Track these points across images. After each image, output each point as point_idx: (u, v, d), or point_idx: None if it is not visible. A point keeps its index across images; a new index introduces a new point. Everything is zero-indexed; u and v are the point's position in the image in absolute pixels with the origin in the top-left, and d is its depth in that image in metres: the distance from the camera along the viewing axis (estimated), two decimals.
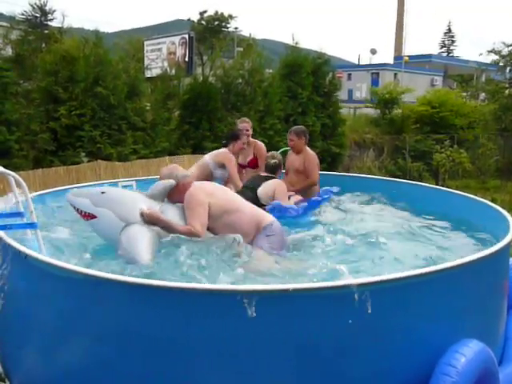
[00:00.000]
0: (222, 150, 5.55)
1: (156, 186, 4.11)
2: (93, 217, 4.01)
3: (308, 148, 5.84)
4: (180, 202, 4.05)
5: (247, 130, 5.92)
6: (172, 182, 4.06)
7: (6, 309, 3.45)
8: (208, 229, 3.93)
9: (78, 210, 4.05)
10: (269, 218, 4.09)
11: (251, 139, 6.05)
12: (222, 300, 2.68)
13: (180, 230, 3.84)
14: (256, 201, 4.85)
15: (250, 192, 4.96)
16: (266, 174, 5.21)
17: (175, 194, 4.06)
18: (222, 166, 5.38)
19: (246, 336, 2.69)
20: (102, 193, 4.04)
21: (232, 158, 5.47)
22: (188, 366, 2.73)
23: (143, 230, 3.81)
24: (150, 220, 3.84)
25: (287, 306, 2.67)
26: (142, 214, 3.84)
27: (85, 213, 4.02)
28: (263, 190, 5.01)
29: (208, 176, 5.30)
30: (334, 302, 2.71)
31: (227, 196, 4.13)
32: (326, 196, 5.29)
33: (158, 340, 2.73)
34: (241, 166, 5.92)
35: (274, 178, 5.17)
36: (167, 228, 3.85)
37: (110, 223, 3.98)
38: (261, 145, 6.08)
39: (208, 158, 5.48)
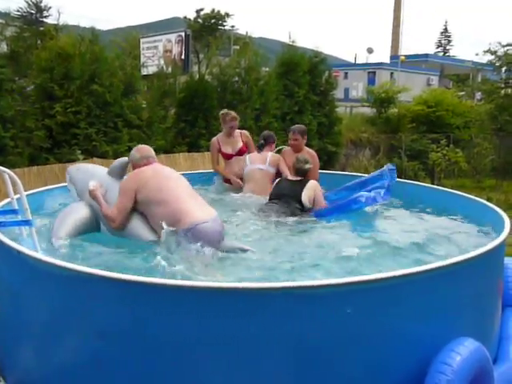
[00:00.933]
0: (272, 153, 5.88)
1: (114, 162, 4.31)
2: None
3: (306, 147, 5.88)
4: None
5: (236, 125, 6.22)
6: (126, 159, 4.25)
7: (0, 306, 3.44)
8: (143, 213, 3.95)
9: None
10: (199, 218, 3.74)
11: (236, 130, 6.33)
12: (216, 298, 2.68)
13: (102, 211, 3.98)
14: (302, 207, 5.01)
15: (294, 201, 5.01)
16: (299, 178, 5.22)
17: None
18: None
19: (240, 334, 2.68)
20: (77, 169, 4.41)
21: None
22: (181, 364, 2.73)
23: (77, 210, 4.10)
24: (91, 197, 4.05)
25: (280, 304, 2.67)
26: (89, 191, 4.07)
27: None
28: (306, 195, 5.08)
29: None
30: (327, 300, 2.71)
31: (161, 187, 3.92)
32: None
33: (150, 338, 2.73)
34: (229, 156, 6.17)
35: (307, 180, 5.21)
36: (99, 206, 4.02)
37: (74, 199, 4.33)
38: (247, 132, 6.41)
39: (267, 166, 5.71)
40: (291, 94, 13.13)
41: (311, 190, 5.11)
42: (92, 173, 4.32)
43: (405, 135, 16.75)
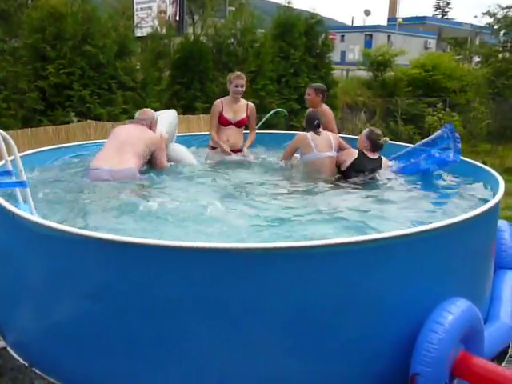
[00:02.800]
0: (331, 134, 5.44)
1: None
2: None
3: (325, 105, 6.02)
4: None
5: (242, 86, 5.81)
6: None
7: None
8: None
9: None
10: (92, 165, 4.67)
11: (243, 100, 5.99)
12: (209, 258, 2.69)
13: None
14: None
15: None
16: (377, 156, 5.17)
17: None
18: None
19: (233, 296, 2.71)
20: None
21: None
22: (174, 323, 2.77)
23: None
24: None
25: (280, 265, 2.69)
26: None
27: None
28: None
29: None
30: (322, 261, 2.73)
31: (111, 139, 4.95)
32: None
33: (142, 297, 2.76)
34: (227, 123, 5.81)
35: (381, 158, 5.21)
36: None
37: None
38: (253, 106, 6.03)
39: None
40: (287, 56, 12.94)
41: (386, 169, 5.18)
42: None
43: (401, 99, 16.64)
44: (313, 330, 2.78)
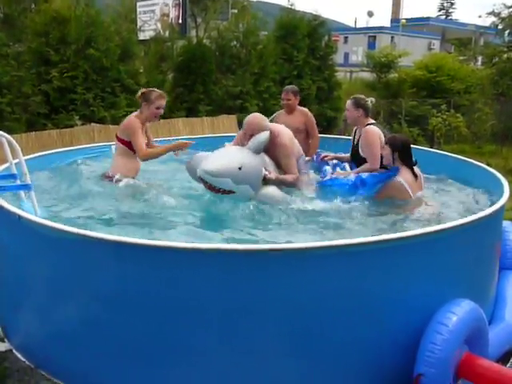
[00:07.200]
0: None
1: (257, 140, 4.13)
2: (230, 192, 3.97)
3: (299, 106, 5.83)
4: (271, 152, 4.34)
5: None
6: (267, 133, 4.19)
7: (2, 271, 3.47)
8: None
9: (213, 186, 3.96)
10: None
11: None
12: (212, 260, 2.69)
13: (291, 181, 4.35)
14: None
15: None
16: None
17: (270, 145, 4.29)
18: None
19: (235, 298, 2.71)
20: (239, 168, 3.96)
21: None
22: (177, 326, 2.77)
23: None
24: (272, 182, 4.18)
25: (278, 267, 2.69)
26: (267, 179, 4.15)
27: (223, 190, 3.96)
28: None
29: None
30: (327, 263, 2.73)
31: None
32: None
33: (147, 300, 2.76)
34: None
35: None
36: (283, 183, 4.30)
37: (245, 193, 4.05)
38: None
39: None
40: (290, 58, 12.95)
41: None
42: (258, 167, 4.12)
43: (405, 100, 16.61)
44: (315, 332, 2.78)
